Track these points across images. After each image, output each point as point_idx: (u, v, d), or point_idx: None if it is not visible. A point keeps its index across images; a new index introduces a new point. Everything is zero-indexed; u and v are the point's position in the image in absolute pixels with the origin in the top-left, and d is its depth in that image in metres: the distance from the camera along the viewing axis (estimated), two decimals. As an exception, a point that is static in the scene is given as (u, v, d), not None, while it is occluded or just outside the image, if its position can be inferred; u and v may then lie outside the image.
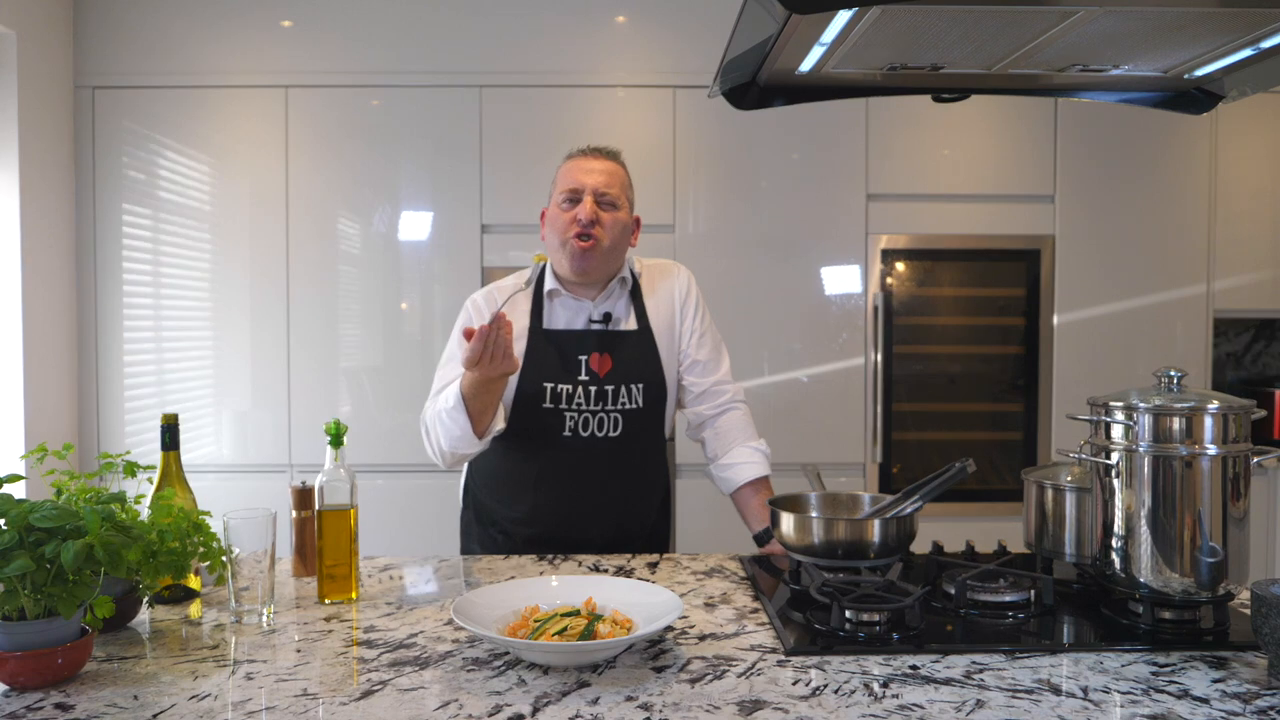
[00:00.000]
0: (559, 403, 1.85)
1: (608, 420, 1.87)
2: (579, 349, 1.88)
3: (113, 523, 1.25)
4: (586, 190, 1.87)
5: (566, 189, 1.88)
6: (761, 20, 1.40)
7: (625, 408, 1.88)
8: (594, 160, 1.91)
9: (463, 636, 1.35)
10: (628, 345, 1.91)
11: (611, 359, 1.88)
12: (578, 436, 1.86)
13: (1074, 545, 1.55)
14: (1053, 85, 1.75)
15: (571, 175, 1.90)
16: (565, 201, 1.88)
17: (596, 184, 1.87)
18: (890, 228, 3.37)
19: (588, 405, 1.86)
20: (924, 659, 1.26)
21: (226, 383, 3.32)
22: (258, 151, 3.31)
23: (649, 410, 1.90)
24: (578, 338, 1.89)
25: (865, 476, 3.37)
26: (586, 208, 1.85)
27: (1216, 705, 1.11)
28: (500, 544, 1.94)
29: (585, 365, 1.87)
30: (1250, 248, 3.44)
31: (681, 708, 1.10)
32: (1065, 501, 1.56)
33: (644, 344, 1.92)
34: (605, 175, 1.89)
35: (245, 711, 1.10)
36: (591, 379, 1.86)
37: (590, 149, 1.94)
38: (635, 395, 1.88)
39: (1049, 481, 1.59)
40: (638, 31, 3.36)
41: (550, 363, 1.86)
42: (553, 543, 1.89)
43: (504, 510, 1.94)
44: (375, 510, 3.15)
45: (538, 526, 1.89)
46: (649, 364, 1.91)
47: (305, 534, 1.66)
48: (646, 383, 1.90)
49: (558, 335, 1.90)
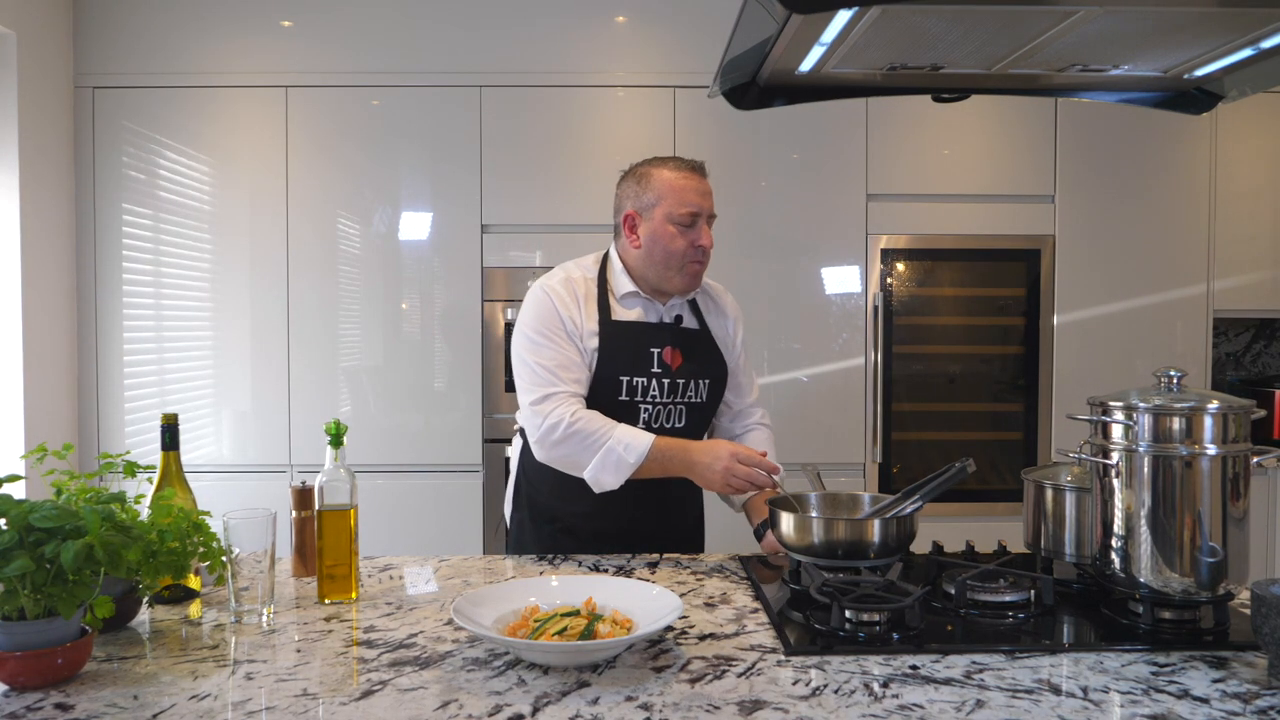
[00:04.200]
0: (634, 395, 1.87)
1: (675, 413, 1.90)
2: (652, 342, 1.89)
3: (113, 523, 1.25)
4: (704, 214, 1.88)
5: (687, 210, 1.85)
6: (761, 20, 1.40)
7: (691, 401, 1.91)
8: (704, 181, 1.91)
9: (463, 636, 1.35)
10: (697, 343, 1.95)
11: (682, 355, 1.91)
12: (649, 429, 1.86)
13: (1073, 545, 1.55)
14: (1053, 85, 1.75)
15: (687, 196, 1.87)
16: (683, 223, 1.86)
17: (710, 207, 1.90)
18: (890, 228, 3.37)
19: (661, 398, 1.89)
20: (924, 659, 1.26)
21: (226, 383, 3.32)
22: (258, 151, 3.31)
23: (709, 406, 1.95)
24: (652, 330, 1.90)
25: (865, 476, 3.37)
26: (708, 235, 1.88)
27: (1216, 705, 1.11)
28: (562, 542, 1.91)
29: (658, 358, 1.89)
30: (1250, 248, 3.44)
31: (681, 708, 1.10)
32: (1064, 501, 1.56)
33: (707, 344, 1.96)
34: (711, 196, 1.91)
35: (245, 711, 1.10)
36: (664, 371, 1.89)
37: (693, 164, 1.92)
38: (701, 390, 1.92)
39: (1048, 481, 1.59)
40: (638, 31, 3.36)
41: (623, 356, 1.87)
42: (618, 536, 1.89)
43: (568, 506, 1.90)
44: (375, 510, 3.15)
45: (606, 520, 1.88)
46: (715, 363, 1.96)
47: (305, 534, 1.66)
48: (712, 379, 1.94)
49: (631, 327, 1.89)
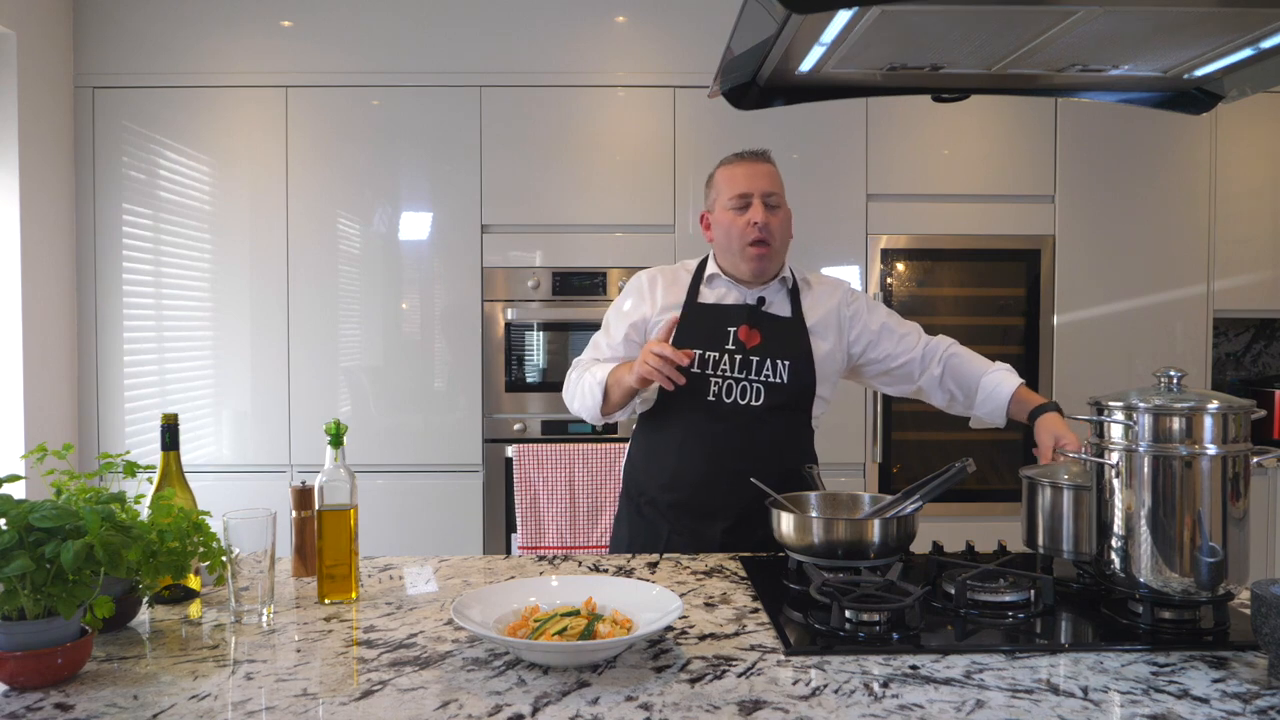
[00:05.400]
0: (705, 368, 1.93)
1: (750, 389, 1.93)
2: (728, 320, 1.96)
3: (113, 523, 1.25)
4: (756, 194, 1.94)
5: (736, 194, 1.95)
6: (761, 20, 1.40)
7: (769, 380, 1.94)
8: (755, 164, 1.98)
9: (463, 636, 1.35)
10: (779, 326, 1.98)
11: (760, 335, 1.95)
12: (721, 402, 1.92)
13: (1071, 543, 1.55)
14: (1053, 85, 1.75)
15: (738, 180, 1.96)
16: (735, 207, 1.95)
17: (763, 187, 1.95)
18: (890, 228, 3.37)
19: (732, 372, 1.93)
20: (924, 659, 1.26)
21: (226, 383, 3.32)
22: (258, 151, 3.31)
23: (793, 388, 1.95)
24: (729, 311, 1.98)
25: (865, 476, 3.37)
26: (759, 211, 1.93)
27: (1216, 705, 1.11)
28: (648, 517, 2.00)
29: (733, 335, 1.95)
30: (1250, 248, 3.44)
31: (681, 708, 1.10)
32: (1062, 500, 1.56)
33: (795, 329, 1.98)
34: (768, 177, 1.97)
35: (245, 711, 1.10)
36: (738, 348, 1.94)
37: (746, 153, 2.00)
38: (780, 370, 1.94)
39: (1045, 479, 1.59)
40: (638, 31, 3.36)
41: (700, 333, 1.95)
42: (693, 509, 1.95)
43: (652, 480, 2.00)
44: (375, 510, 3.15)
45: (679, 492, 1.95)
46: (799, 346, 1.97)
47: (305, 534, 1.66)
48: (794, 361, 1.95)
49: (710, 308, 1.99)
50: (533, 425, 3.34)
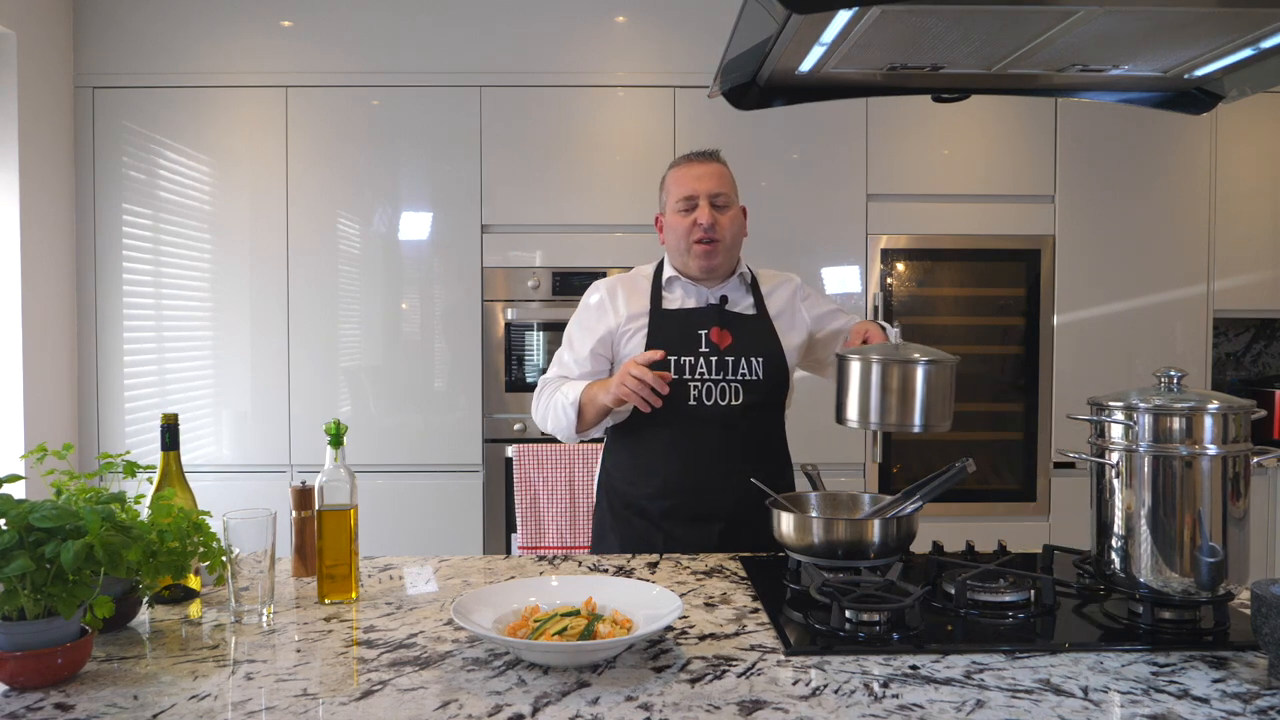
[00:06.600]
0: (682, 373, 1.94)
1: (729, 389, 1.95)
2: (698, 324, 1.98)
3: (113, 523, 1.25)
4: (701, 195, 1.97)
5: (682, 196, 1.98)
6: (761, 20, 1.40)
7: (745, 378, 1.95)
8: (701, 165, 2.01)
9: (463, 636, 1.35)
10: (746, 324, 2.01)
11: (731, 335, 1.98)
12: (701, 405, 1.94)
13: (878, 414, 1.62)
14: (1053, 85, 1.75)
15: (684, 182, 1.99)
16: (682, 209, 1.98)
17: (709, 188, 1.97)
18: (890, 228, 3.37)
19: (709, 374, 1.95)
20: (924, 659, 1.26)
21: (226, 383, 3.32)
22: (258, 151, 3.31)
23: (768, 383, 1.98)
24: (697, 314, 1.99)
25: (865, 476, 3.37)
26: (705, 212, 1.95)
27: (1216, 705, 1.11)
28: (638, 527, 1.99)
29: (705, 338, 1.97)
30: (1250, 248, 3.44)
31: (681, 708, 1.10)
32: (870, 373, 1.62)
33: (762, 326, 2.01)
34: (715, 178, 1.99)
35: (245, 711, 1.10)
36: (712, 350, 1.96)
37: (695, 154, 2.03)
38: (755, 367, 1.96)
39: (855, 355, 1.65)
40: (638, 31, 3.36)
41: (671, 338, 1.97)
42: (686, 515, 1.95)
43: (638, 490, 2.00)
44: (375, 510, 3.15)
45: (671, 498, 1.96)
46: (768, 342, 2.00)
47: (305, 534, 1.66)
48: (766, 357, 1.98)
49: (677, 314, 2.00)
50: (533, 425, 3.33)
